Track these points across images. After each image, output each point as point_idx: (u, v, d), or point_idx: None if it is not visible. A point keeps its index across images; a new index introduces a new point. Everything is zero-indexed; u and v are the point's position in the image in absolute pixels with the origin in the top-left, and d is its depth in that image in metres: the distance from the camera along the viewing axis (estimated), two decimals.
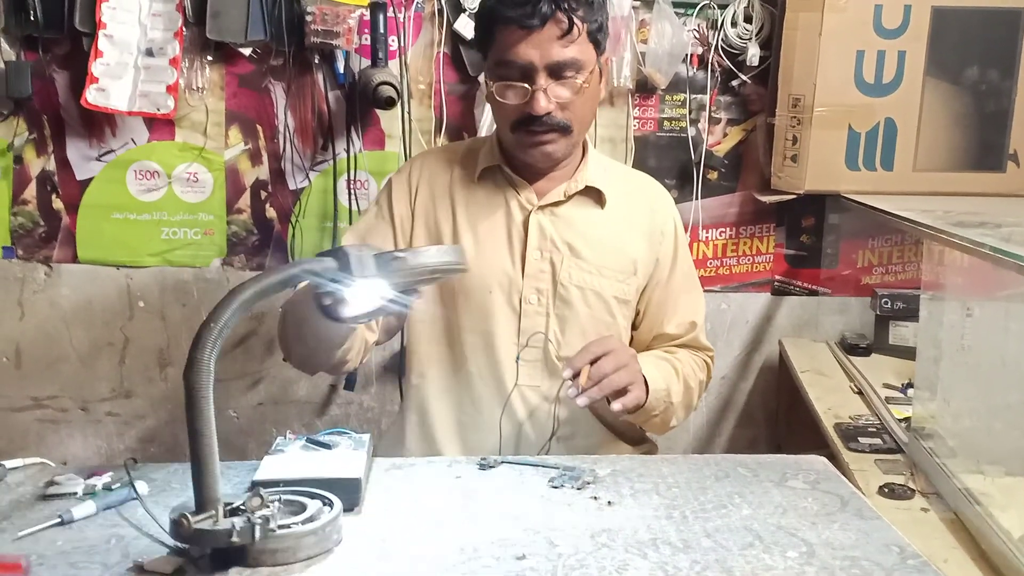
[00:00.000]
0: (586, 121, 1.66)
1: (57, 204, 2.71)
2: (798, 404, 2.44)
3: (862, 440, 1.90)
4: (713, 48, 2.64)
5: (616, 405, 1.51)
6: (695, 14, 2.63)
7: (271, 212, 2.74)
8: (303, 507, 1.15)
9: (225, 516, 1.05)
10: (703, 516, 1.21)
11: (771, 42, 2.61)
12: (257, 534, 1.04)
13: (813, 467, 1.39)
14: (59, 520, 1.19)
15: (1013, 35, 2.47)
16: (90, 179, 2.70)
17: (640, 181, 1.82)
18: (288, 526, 1.09)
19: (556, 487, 1.31)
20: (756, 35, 2.62)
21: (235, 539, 1.03)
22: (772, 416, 2.89)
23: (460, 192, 1.70)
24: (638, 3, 2.61)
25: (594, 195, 1.69)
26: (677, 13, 2.60)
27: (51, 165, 2.69)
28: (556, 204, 1.67)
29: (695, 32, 2.65)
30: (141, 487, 1.27)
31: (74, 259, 2.74)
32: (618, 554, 1.10)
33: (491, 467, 1.39)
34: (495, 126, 1.72)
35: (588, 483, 1.32)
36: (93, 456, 2.83)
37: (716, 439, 2.92)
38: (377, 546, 1.12)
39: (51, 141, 2.67)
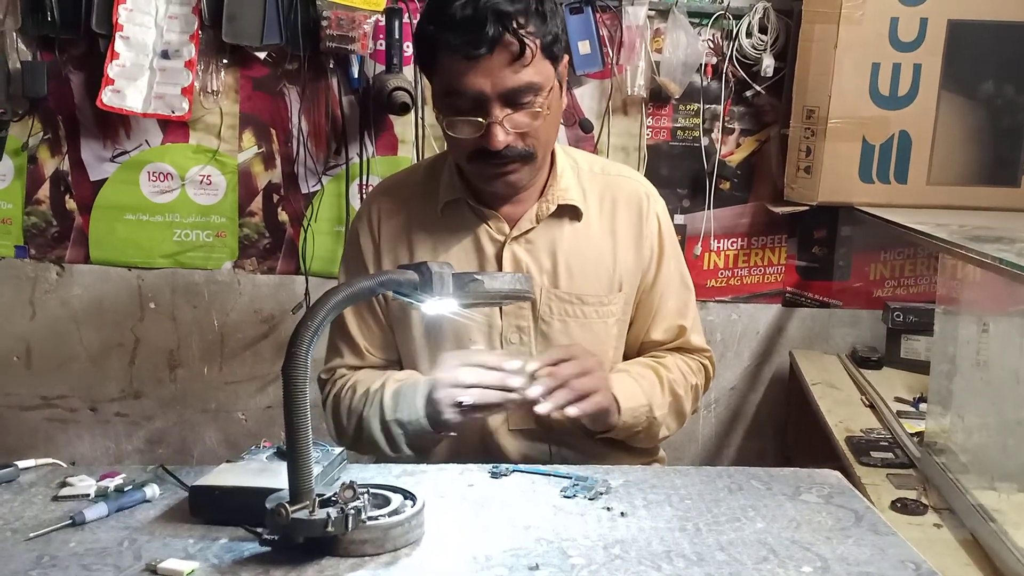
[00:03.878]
0: (550, 141, 1.52)
1: (70, 204, 2.72)
2: (807, 416, 2.43)
3: (874, 454, 1.89)
4: (727, 58, 2.64)
5: (572, 410, 1.39)
6: (710, 24, 2.63)
7: (283, 216, 2.74)
8: (387, 500, 1.18)
9: (318, 507, 1.08)
10: (717, 529, 1.20)
11: (786, 53, 2.61)
12: (350, 524, 1.08)
13: (827, 481, 1.38)
14: (71, 521, 1.18)
15: None
16: (103, 180, 2.71)
17: (620, 179, 1.65)
18: (376, 518, 1.13)
19: (568, 497, 1.30)
20: (771, 46, 2.62)
21: (330, 529, 1.06)
22: (781, 428, 2.88)
23: (424, 229, 1.57)
24: (653, 12, 2.61)
25: (570, 210, 1.57)
26: (692, 23, 2.61)
27: (65, 165, 2.70)
28: (529, 230, 1.56)
29: (710, 42, 2.65)
30: (152, 490, 1.27)
31: (86, 259, 2.75)
32: (631, 566, 1.10)
33: (503, 475, 1.38)
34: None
35: (601, 493, 1.31)
36: (101, 456, 2.84)
37: (724, 450, 2.91)
38: (389, 555, 1.12)
39: (65, 141, 2.69)
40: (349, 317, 1.62)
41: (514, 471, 1.39)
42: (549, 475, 1.38)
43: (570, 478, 1.36)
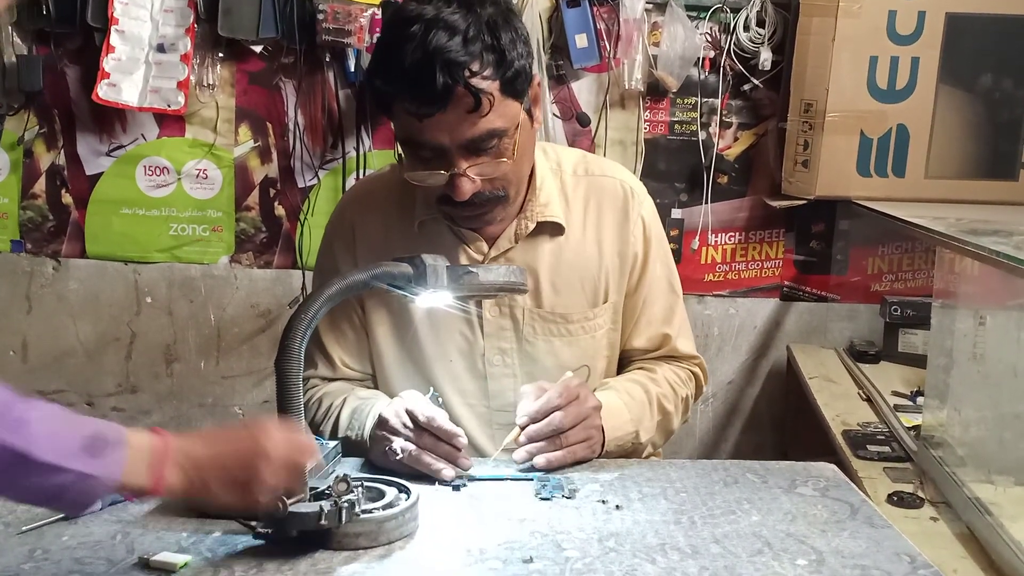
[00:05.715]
0: (524, 172, 1.44)
1: (66, 199, 2.72)
2: (805, 410, 2.43)
3: (871, 448, 1.89)
4: (725, 52, 2.63)
5: (540, 460, 1.34)
6: (708, 17, 2.63)
7: (280, 210, 2.74)
8: (382, 494, 1.18)
9: (312, 500, 1.09)
10: (712, 522, 1.20)
11: (784, 47, 2.60)
12: (344, 517, 1.08)
13: (823, 474, 1.37)
14: (64, 515, 1.18)
15: None
16: (99, 174, 2.70)
17: (604, 179, 1.56)
18: (370, 511, 1.13)
19: (545, 499, 1.26)
20: (769, 39, 2.61)
21: (324, 522, 1.07)
22: (779, 422, 2.88)
23: (401, 243, 1.48)
24: (650, 6, 2.61)
25: (551, 226, 1.50)
26: (690, 16, 2.60)
27: (61, 159, 2.69)
28: (508, 250, 1.50)
29: (707, 36, 2.64)
30: None
31: (82, 254, 2.74)
32: (626, 559, 1.09)
33: (463, 486, 1.31)
34: None
35: (574, 490, 1.28)
36: None
37: (722, 444, 2.91)
38: (383, 548, 1.12)
39: (61, 135, 2.68)
40: (324, 327, 1.55)
41: (472, 480, 1.33)
42: (507, 479, 1.33)
43: (532, 480, 1.32)
